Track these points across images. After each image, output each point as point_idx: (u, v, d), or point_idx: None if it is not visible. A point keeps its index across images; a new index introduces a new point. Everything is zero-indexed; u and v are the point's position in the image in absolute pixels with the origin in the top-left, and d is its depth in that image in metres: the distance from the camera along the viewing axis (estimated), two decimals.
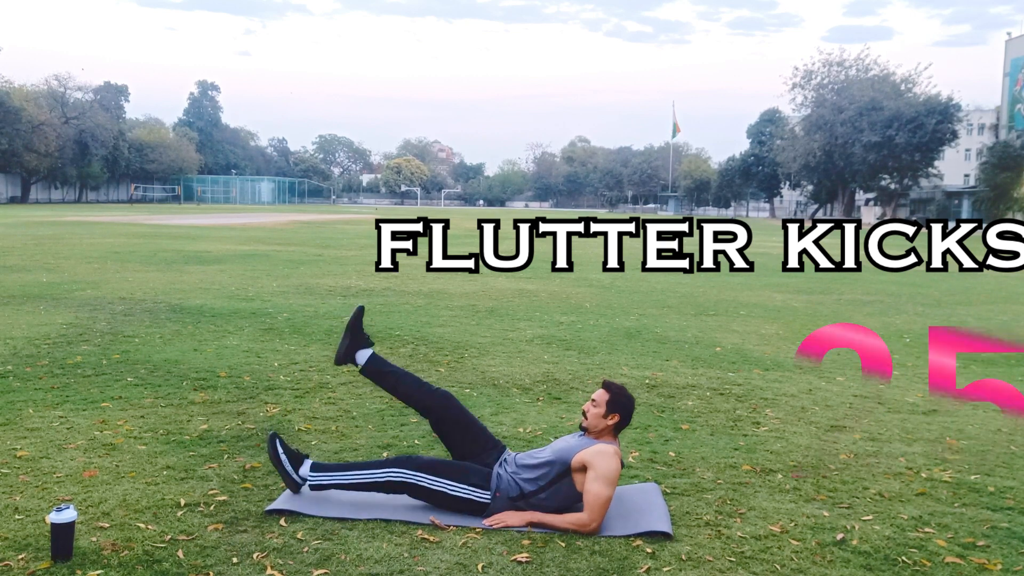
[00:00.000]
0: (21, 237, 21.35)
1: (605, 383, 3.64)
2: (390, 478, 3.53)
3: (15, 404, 5.02)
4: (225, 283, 11.96)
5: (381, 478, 3.54)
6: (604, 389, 3.59)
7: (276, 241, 22.83)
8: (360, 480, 3.56)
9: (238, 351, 6.90)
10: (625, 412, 3.57)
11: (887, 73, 60.07)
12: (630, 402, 3.60)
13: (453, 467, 3.58)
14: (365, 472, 3.58)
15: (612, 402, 3.54)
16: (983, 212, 48.37)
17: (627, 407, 3.58)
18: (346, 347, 3.90)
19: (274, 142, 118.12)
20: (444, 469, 3.56)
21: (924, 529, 3.47)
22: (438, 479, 3.51)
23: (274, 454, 3.61)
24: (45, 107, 66.96)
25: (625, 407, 3.57)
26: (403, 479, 3.52)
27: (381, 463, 3.61)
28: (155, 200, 79.06)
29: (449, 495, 3.50)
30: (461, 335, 8.03)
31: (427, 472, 3.52)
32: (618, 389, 3.59)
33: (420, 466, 3.54)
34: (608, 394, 3.55)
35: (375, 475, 3.55)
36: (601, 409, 3.53)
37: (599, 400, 3.55)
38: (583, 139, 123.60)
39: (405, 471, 3.53)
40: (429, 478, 3.51)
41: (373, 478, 3.55)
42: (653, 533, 3.30)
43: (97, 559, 2.94)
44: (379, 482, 3.54)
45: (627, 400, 3.58)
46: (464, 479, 3.52)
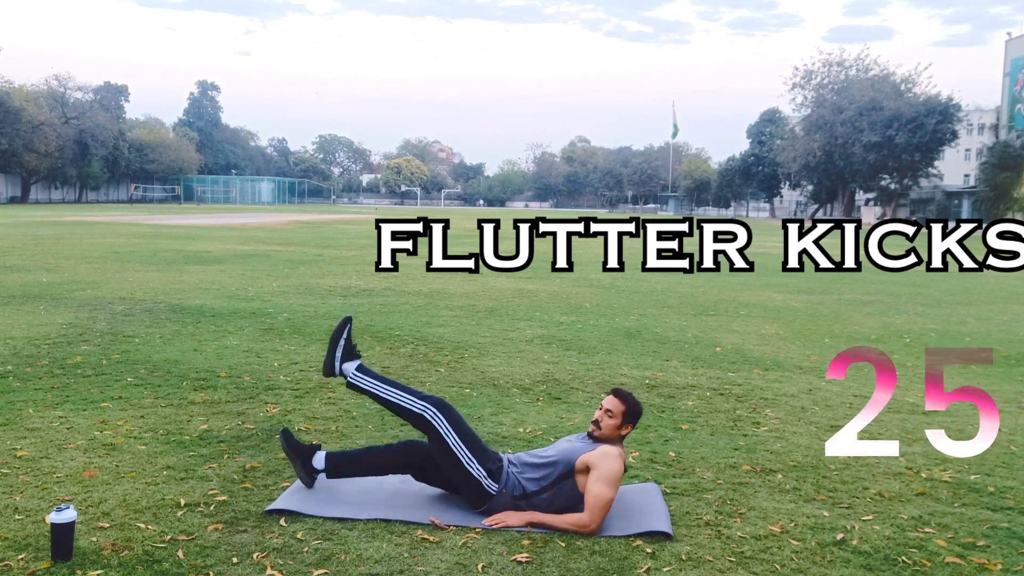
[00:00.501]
0: (21, 237, 21.35)
1: (616, 392, 3.61)
2: (424, 413, 3.53)
3: (15, 404, 5.02)
4: (225, 283, 11.96)
5: (416, 408, 3.55)
6: (618, 399, 3.56)
7: (276, 241, 22.83)
8: (396, 400, 3.58)
9: (238, 351, 6.90)
10: (636, 422, 3.62)
11: (887, 73, 60.07)
12: (641, 411, 3.64)
13: (478, 443, 3.59)
14: (406, 396, 3.59)
15: (629, 413, 3.55)
16: (983, 212, 48.36)
17: (639, 416, 3.62)
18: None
19: (274, 142, 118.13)
20: (471, 439, 3.56)
21: (924, 529, 3.47)
22: (461, 444, 3.51)
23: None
24: (45, 107, 66.95)
25: (637, 417, 3.60)
26: (433, 421, 3.52)
27: (422, 396, 3.62)
28: (155, 200, 79.03)
29: (463, 466, 3.49)
30: (461, 335, 8.03)
31: (456, 431, 3.52)
32: (632, 401, 3.59)
33: (454, 421, 3.55)
34: (624, 405, 3.55)
35: (412, 403, 3.56)
36: (617, 420, 3.53)
37: (615, 411, 3.53)
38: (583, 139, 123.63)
39: (439, 416, 3.53)
40: (455, 437, 3.51)
41: (408, 404, 3.56)
42: (653, 533, 3.30)
43: (97, 559, 2.94)
44: (411, 411, 3.55)
45: (640, 410, 3.63)
46: (482, 460, 3.52)
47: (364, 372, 3.75)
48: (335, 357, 3.76)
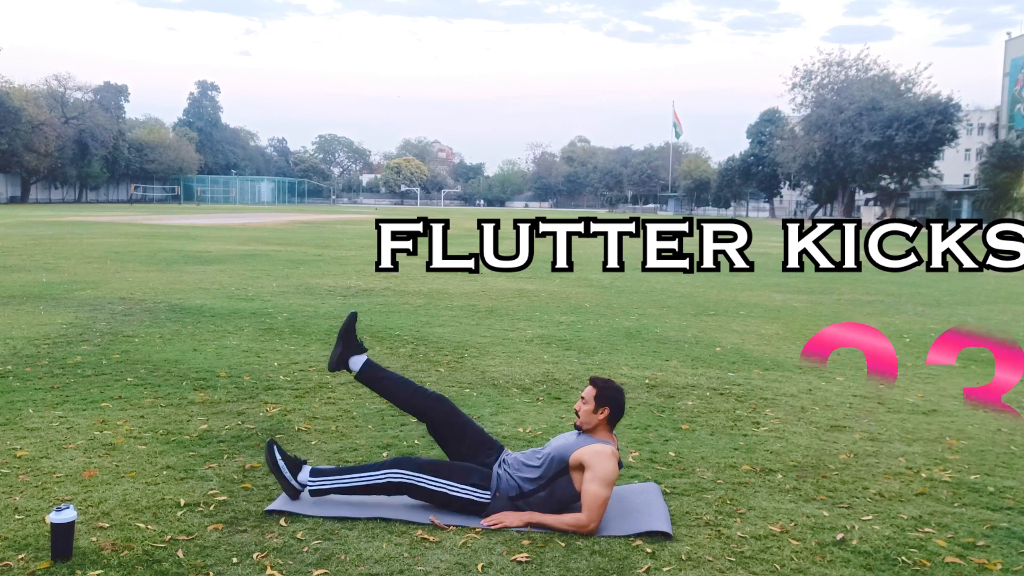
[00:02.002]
0: (21, 237, 21.35)
1: (592, 379, 3.65)
2: (390, 479, 3.52)
3: (15, 404, 5.02)
4: (225, 283, 11.96)
5: (381, 479, 3.53)
6: (591, 385, 3.60)
7: (276, 241, 22.83)
8: (360, 483, 3.55)
9: (238, 351, 6.90)
10: (615, 403, 3.56)
11: (887, 73, 60.10)
12: (618, 393, 3.59)
13: (453, 467, 3.58)
14: (365, 474, 3.57)
15: (599, 396, 3.54)
16: (983, 212, 48.36)
17: (615, 398, 3.57)
18: (339, 353, 3.85)
19: (274, 142, 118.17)
20: (444, 469, 3.55)
21: (924, 529, 3.47)
22: (438, 479, 3.50)
23: (272, 461, 3.59)
24: (45, 107, 66.97)
25: (613, 399, 3.56)
26: (403, 479, 3.51)
27: (380, 465, 3.60)
28: (155, 200, 79.05)
29: (449, 495, 3.49)
30: (461, 335, 8.03)
31: (427, 472, 3.52)
32: (604, 382, 3.60)
33: (420, 466, 3.54)
34: (595, 389, 3.56)
35: (375, 477, 3.54)
36: (590, 405, 3.54)
37: (587, 397, 3.56)
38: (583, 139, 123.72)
39: (405, 472, 3.52)
40: (429, 479, 3.50)
41: (373, 480, 3.54)
42: (653, 533, 3.30)
43: (97, 559, 2.94)
44: (379, 484, 3.53)
45: (614, 391, 3.58)
46: (464, 479, 3.51)
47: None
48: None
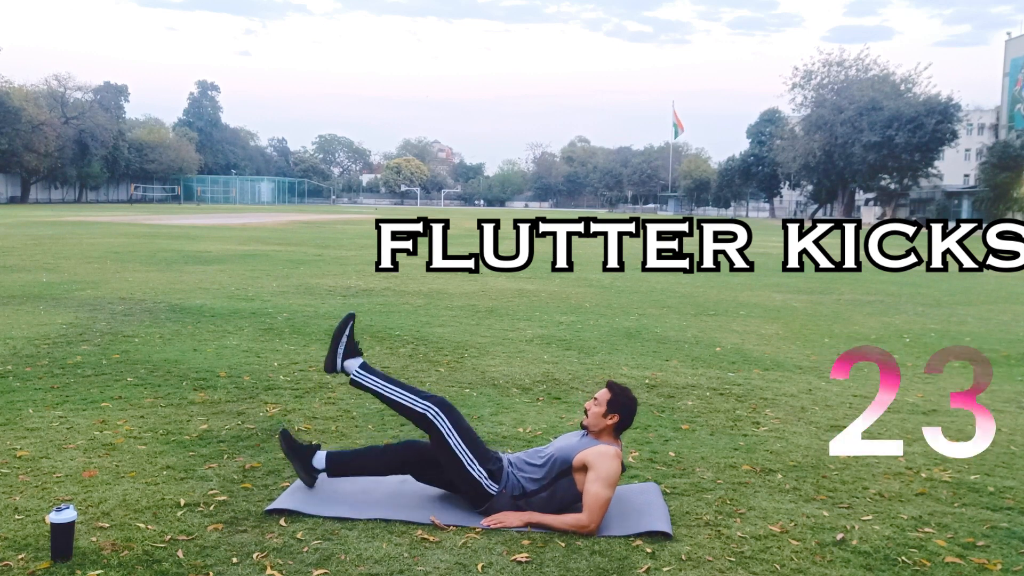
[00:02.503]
0: (21, 237, 21.35)
1: (609, 383, 3.65)
2: (426, 412, 3.54)
3: (15, 404, 5.02)
4: (225, 283, 11.96)
5: (419, 408, 3.55)
6: (607, 388, 3.60)
7: (276, 241, 22.83)
8: (398, 399, 3.59)
9: (238, 351, 6.90)
10: (625, 413, 3.56)
11: (887, 73, 60.10)
12: (632, 403, 3.59)
13: (479, 444, 3.59)
14: (408, 395, 3.59)
15: (613, 402, 3.54)
16: (983, 212, 48.35)
17: (628, 408, 3.57)
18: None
19: (274, 142, 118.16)
20: (472, 439, 3.57)
21: (924, 529, 3.47)
22: (463, 444, 3.51)
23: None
24: (45, 107, 66.96)
25: (626, 407, 3.56)
26: (436, 422, 3.52)
27: (426, 396, 3.62)
28: (155, 200, 79.04)
29: (464, 466, 3.49)
30: (461, 335, 8.03)
31: (459, 433, 3.53)
32: (621, 390, 3.60)
33: (456, 421, 3.55)
34: (610, 394, 3.56)
35: (415, 402, 3.57)
36: (602, 408, 3.54)
37: (601, 399, 3.56)
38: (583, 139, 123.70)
39: (443, 417, 3.53)
40: (458, 439, 3.51)
41: (412, 404, 3.57)
42: (653, 533, 3.29)
43: (97, 559, 2.94)
44: (414, 411, 3.56)
45: (628, 401, 3.58)
46: (483, 461, 3.52)
47: (367, 370, 3.74)
48: (336, 354, 3.76)
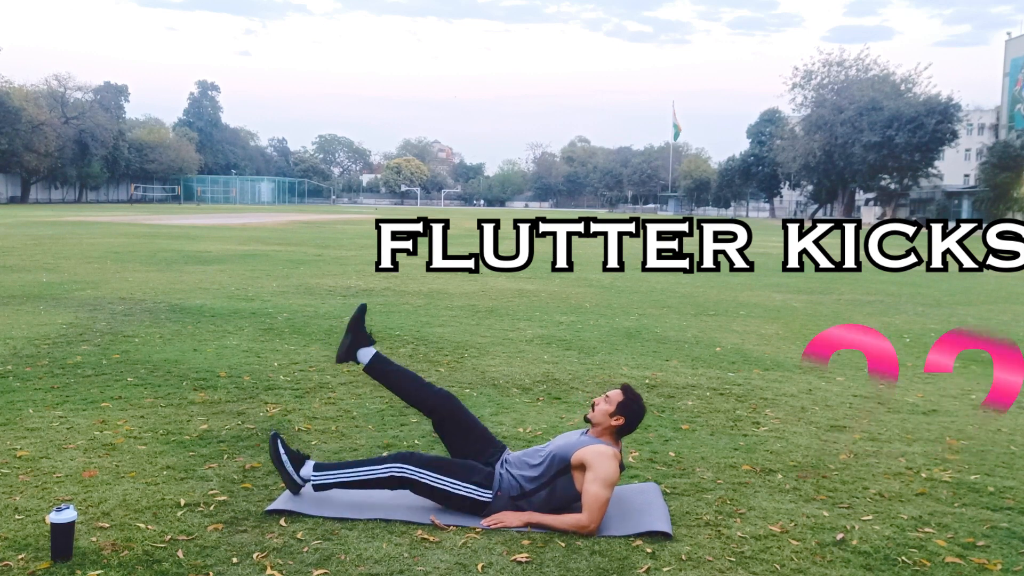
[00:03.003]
0: (21, 237, 21.35)
1: (625, 385, 3.67)
2: (393, 473, 3.52)
3: (15, 404, 5.02)
4: (225, 283, 11.96)
5: (384, 474, 3.54)
6: (620, 390, 3.62)
7: (276, 241, 22.83)
8: (363, 477, 3.56)
9: (238, 351, 6.90)
10: (631, 418, 3.57)
11: (887, 73, 60.13)
12: (640, 411, 3.61)
13: (456, 465, 3.58)
14: (367, 468, 3.57)
15: (623, 405, 3.55)
16: (983, 212, 48.35)
17: (635, 414, 3.59)
18: (348, 345, 3.88)
19: (274, 142, 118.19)
20: (447, 466, 3.56)
21: (924, 529, 3.47)
22: (441, 476, 3.51)
23: (275, 455, 3.60)
24: (45, 107, 66.98)
25: (634, 413, 3.58)
26: (405, 475, 3.51)
27: (383, 459, 3.61)
28: (155, 200, 79.08)
29: (451, 493, 3.49)
30: (461, 335, 8.03)
31: (430, 469, 3.52)
32: (634, 396, 3.61)
33: (423, 463, 3.54)
34: (623, 396, 3.58)
35: (377, 471, 3.55)
36: (611, 407, 3.55)
37: (612, 398, 3.58)
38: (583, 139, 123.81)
39: (408, 467, 3.52)
40: (431, 475, 3.51)
41: (376, 474, 3.55)
42: (653, 533, 3.29)
43: (97, 559, 2.94)
44: (382, 478, 3.54)
45: (638, 408, 3.60)
46: (467, 477, 3.52)
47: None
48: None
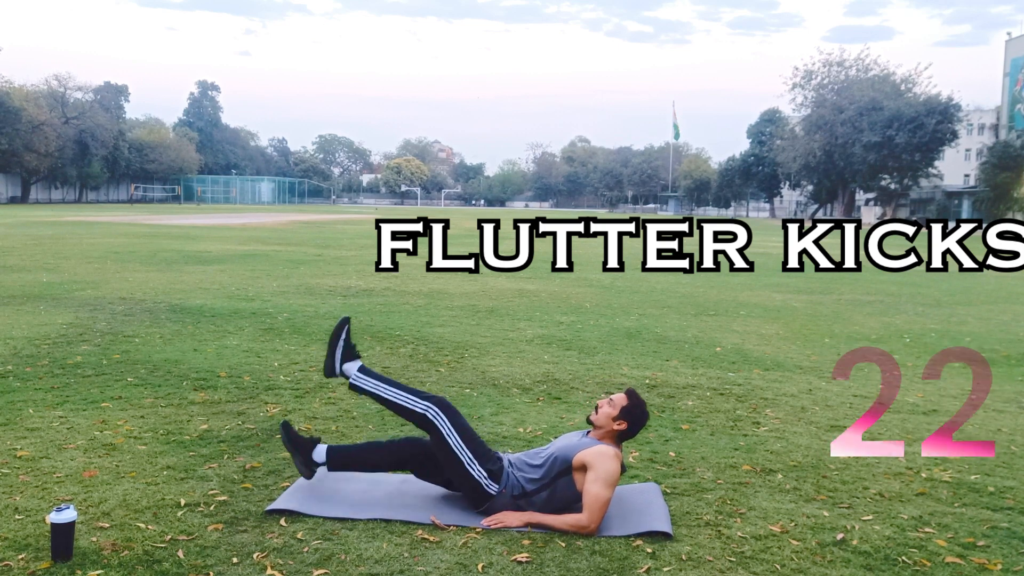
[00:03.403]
0: (21, 237, 21.35)
1: (629, 390, 3.66)
2: (427, 413, 3.54)
3: (15, 404, 5.02)
4: (225, 283, 11.96)
5: (419, 408, 3.55)
6: (625, 394, 3.62)
7: (276, 241, 22.83)
8: (398, 400, 3.59)
9: (238, 351, 6.90)
10: (634, 423, 3.58)
11: (887, 73, 60.12)
12: (643, 417, 3.61)
13: (480, 443, 3.59)
14: (407, 396, 3.59)
15: (627, 409, 3.55)
16: (983, 212, 48.34)
17: (638, 420, 3.59)
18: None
19: (274, 142, 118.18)
20: (473, 439, 3.56)
21: (924, 529, 3.47)
22: (463, 444, 3.51)
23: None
24: (45, 107, 66.97)
25: (636, 419, 3.58)
26: (436, 422, 3.52)
27: (425, 396, 3.62)
28: (155, 200, 79.08)
29: (464, 467, 3.49)
30: (461, 335, 8.03)
31: (459, 432, 3.53)
32: (638, 401, 3.61)
33: (456, 421, 3.55)
34: (627, 401, 3.57)
35: (414, 403, 3.57)
36: (614, 411, 3.54)
37: (616, 402, 3.58)
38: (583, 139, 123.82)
39: (442, 417, 3.53)
40: (457, 438, 3.51)
41: (411, 405, 3.57)
42: (653, 533, 3.29)
43: (97, 559, 2.94)
44: (414, 411, 3.56)
45: (641, 414, 3.59)
46: (483, 461, 3.52)
47: (366, 373, 3.75)
48: (335, 358, 3.77)
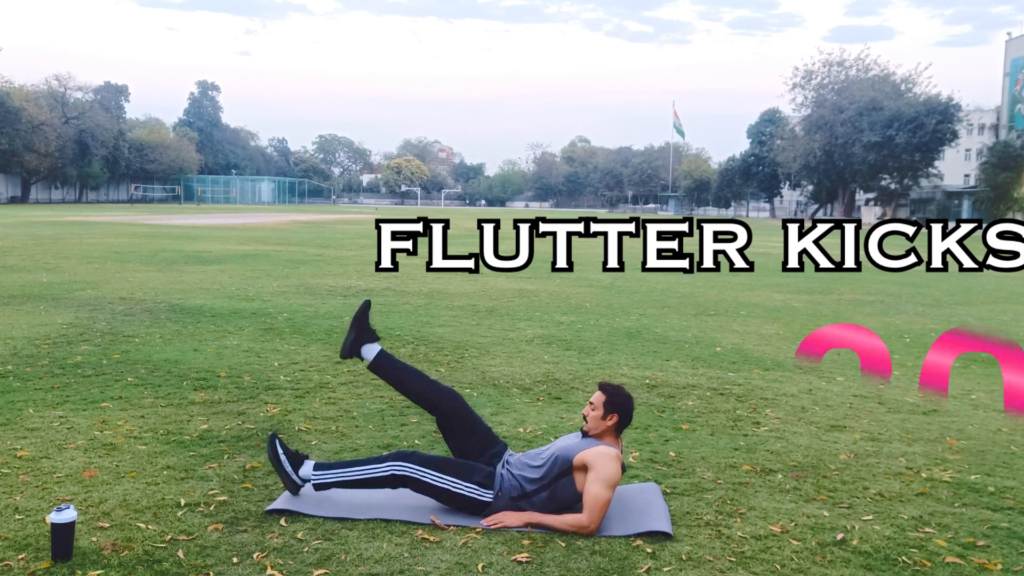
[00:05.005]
0: (21, 237, 21.35)
1: (601, 385, 3.62)
2: (393, 472, 3.51)
3: (15, 404, 5.02)
4: (225, 283, 11.96)
5: (384, 472, 3.52)
6: (600, 391, 3.57)
7: (276, 241, 22.83)
8: (363, 476, 3.55)
9: (238, 351, 6.90)
10: (623, 411, 3.54)
11: (887, 73, 60.11)
12: (628, 400, 3.57)
13: (456, 464, 3.57)
14: (367, 468, 3.56)
15: (609, 403, 3.52)
16: (983, 212, 48.35)
17: (625, 406, 3.55)
18: (352, 341, 3.84)
19: (274, 142, 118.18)
20: (447, 466, 3.54)
21: (924, 529, 3.47)
22: (442, 475, 3.49)
23: (274, 455, 3.59)
24: (45, 107, 67.00)
25: (623, 406, 3.54)
26: (406, 473, 3.50)
27: (383, 458, 3.59)
28: (155, 200, 79.09)
29: (452, 492, 3.48)
30: (461, 335, 8.03)
31: (431, 468, 3.51)
32: (614, 389, 3.57)
33: (424, 461, 3.53)
34: (604, 395, 3.54)
35: (378, 470, 3.54)
36: (600, 411, 3.52)
37: (596, 403, 3.54)
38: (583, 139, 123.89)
39: (408, 465, 3.51)
40: (432, 474, 3.49)
41: (376, 473, 3.54)
42: (653, 533, 3.29)
43: (97, 559, 2.94)
44: (382, 477, 3.53)
45: (624, 399, 3.56)
46: (468, 477, 3.51)
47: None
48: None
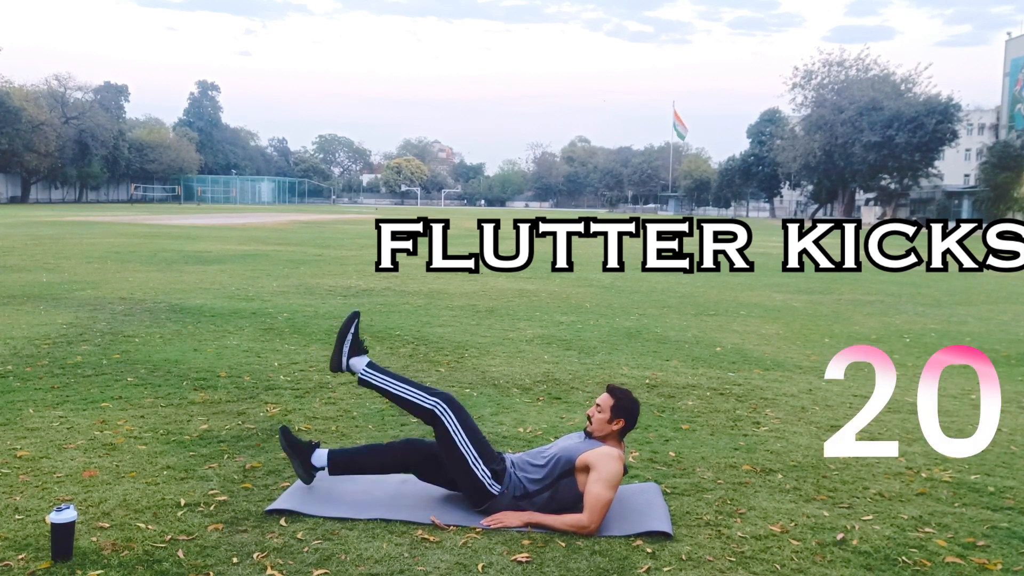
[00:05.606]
0: (21, 237, 21.35)
1: (609, 387, 3.62)
2: (433, 408, 3.54)
3: (15, 404, 5.02)
4: (225, 283, 11.96)
5: (427, 404, 3.56)
6: (608, 394, 3.58)
7: (276, 241, 22.83)
8: (406, 395, 3.59)
9: (238, 351, 6.90)
10: (630, 416, 3.56)
11: (887, 73, 60.10)
12: (635, 406, 3.59)
13: (484, 444, 3.58)
14: (416, 392, 3.60)
15: (617, 407, 3.53)
16: (983, 212, 48.35)
17: (632, 411, 3.57)
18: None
19: (274, 142, 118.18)
20: (478, 439, 3.56)
21: (924, 529, 3.47)
22: (468, 443, 3.51)
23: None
24: (45, 107, 67.00)
25: (630, 412, 3.56)
26: (442, 417, 3.52)
27: (434, 391, 3.63)
28: (155, 200, 79.10)
29: (467, 464, 3.49)
30: (461, 335, 8.03)
31: (465, 431, 3.52)
32: (623, 394, 3.58)
33: (462, 419, 3.55)
34: (612, 399, 3.54)
35: (423, 399, 3.57)
36: (606, 415, 3.52)
37: (603, 405, 3.54)
38: (583, 139, 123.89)
39: (449, 413, 3.53)
40: (462, 435, 3.51)
41: (418, 399, 3.57)
42: (653, 533, 3.29)
43: (97, 559, 2.94)
44: (422, 407, 3.56)
45: (632, 404, 3.57)
46: (487, 460, 3.52)
47: (374, 368, 3.76)
48: (342, 352, 3.76)
